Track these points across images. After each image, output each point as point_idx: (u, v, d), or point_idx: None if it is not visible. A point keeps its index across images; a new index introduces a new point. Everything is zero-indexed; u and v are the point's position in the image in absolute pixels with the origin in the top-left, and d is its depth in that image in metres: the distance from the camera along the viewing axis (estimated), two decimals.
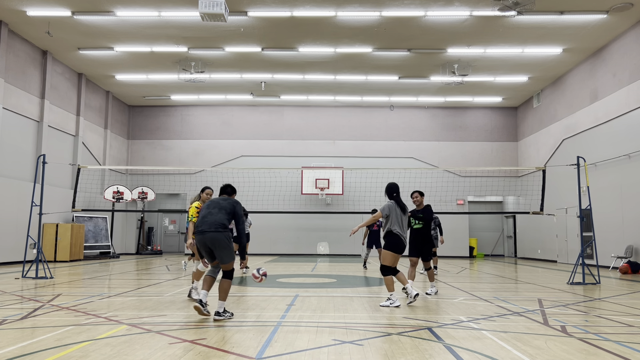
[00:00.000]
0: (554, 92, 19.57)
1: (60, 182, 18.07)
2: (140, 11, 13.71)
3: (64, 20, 14.30)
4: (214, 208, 6.12)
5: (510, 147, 23.40)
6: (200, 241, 5.95)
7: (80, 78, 19.28)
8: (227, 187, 6.64)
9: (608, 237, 15.31)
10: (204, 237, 5.90)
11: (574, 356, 4.25)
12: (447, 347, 4.56)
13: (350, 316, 6.17)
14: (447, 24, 14.37)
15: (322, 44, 15.92)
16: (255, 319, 5.94)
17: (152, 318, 5.90)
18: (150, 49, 16.43)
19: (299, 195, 22.19)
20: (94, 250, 19.17)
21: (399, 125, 23.44)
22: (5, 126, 14.91)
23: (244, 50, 16.51)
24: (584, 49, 16.24)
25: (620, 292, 9.19)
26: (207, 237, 5.87)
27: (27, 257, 13.97)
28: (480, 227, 24.48)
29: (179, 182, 22.83)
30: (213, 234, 5.87)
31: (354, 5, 13.39)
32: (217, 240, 5.87)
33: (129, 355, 4.14)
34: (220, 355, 4.20)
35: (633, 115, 14.42)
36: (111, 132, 21.88)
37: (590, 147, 16.53)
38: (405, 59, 17.20)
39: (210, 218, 5.99)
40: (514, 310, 6.70)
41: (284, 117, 23.60)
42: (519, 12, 12.40)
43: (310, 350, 4.40)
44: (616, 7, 13.16)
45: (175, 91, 21.64)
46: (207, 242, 5.90)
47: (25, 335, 4.90)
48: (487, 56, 16.82)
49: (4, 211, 14.67)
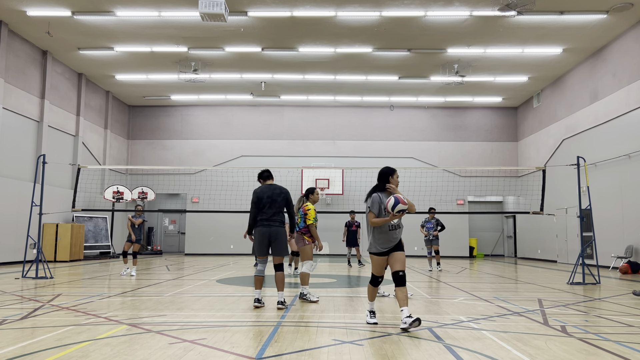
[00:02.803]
0: (554, 92, 19.57)
1: (60, 182, 18.06)
2: (140, 11, 13.71)
3: (64, 20, 14.30)
4: (270, 199, 6.80)
5: (510, 147, 23.40)
6: (264, 234, 6.65)
7: (80, 78, 19.28)
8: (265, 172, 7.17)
9: (608, 237, 15.31)
10: (269, 230, 6.68)
11: (574, 356, 4.25)
12: (447, 347, 4.56)
13: (350, 316, 6.17)
14: (447, 24, 14.37)
15: (322, 44, 15.92)
16: (255, 319, 5.94)
17: (152, 318, 5.90)
18: (150, 49, 16.43)
19: (299, 195, 22.14)
20: (94, 250, 19.16)
21: (399, 125, 23.44)
22: (5, 126, 14.91)
23: (244, 50, 16.51)
24: (584, 49, 16.24)
25: (620, 292, 9.18)
26: (272, 230, 6.68)
27: (27, 257, 13.98)
28: (480, 227, 24.48)
29: (179, 182, 22.83)
30: (276, 228, 6.70)
31: (354, 5, 13.39)
32: (278, 233, 6.72)
33: (129, 355, 4.14)
34: (220, 355, 4.20)
35: (633, 115, 14.42)
36: (111, 132, 21.88)
37: (590, 147, 16.53)
38: (405, 59, 17.20)
39: (269, 211, 6.76)
40: (514, 310, 6.69)
41: (284, 117, 23.60)
42: (519, 12, 12.39)
43: (310, 350, 4.40)
44: (616, 7, 13.16)
45: (175, 91, 21.64)
46: (271, 234, 6.69)
47: (25, 335, 4.90)
48: (487, 56, 16.82)
49: (4, 211, 14.67)
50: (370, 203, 5.52)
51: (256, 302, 6.67)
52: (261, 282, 6.80)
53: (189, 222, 22.95)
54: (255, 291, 6.76)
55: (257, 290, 6.76)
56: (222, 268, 14.48)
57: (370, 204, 5.51)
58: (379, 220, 5.35)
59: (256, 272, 6.80)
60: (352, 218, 15.51)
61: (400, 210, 5.20)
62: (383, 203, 5.44)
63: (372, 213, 5.44)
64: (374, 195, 5.54)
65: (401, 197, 5.27)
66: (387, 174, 5.60)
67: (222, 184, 21.73)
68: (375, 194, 5.55)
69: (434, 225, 13.98)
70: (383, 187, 5.59)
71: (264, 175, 7.11)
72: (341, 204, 22.36)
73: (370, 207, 5.50)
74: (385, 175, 5.60)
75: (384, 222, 5.32)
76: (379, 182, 5.64)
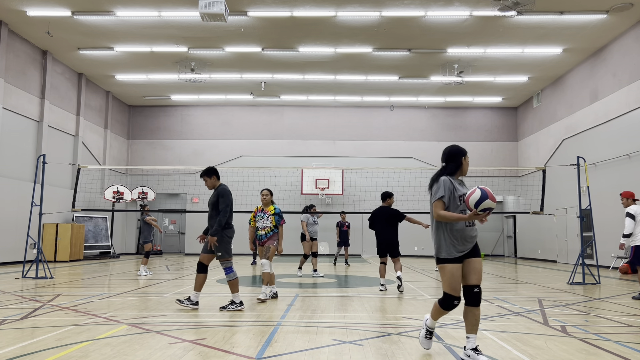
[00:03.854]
0: (554, 92, 19.57)
1: (60, 182, 18.06)
2: (140, 11, 13.71)
3: (64, 20, 14.30)
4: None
5: (510, 147, 23.40)
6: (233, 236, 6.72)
7: (80, 78, 19.28)
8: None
9: (608, 237, 15.30)
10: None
11: (574, 356, 4.25)
12: (447, 347, 4.56)
13: (350, 316, 6.17)
14: (447, 24, 14.37)
15: (322, 44, 15.92)
16: (255, 319, 5.94)
17: (152, 318, 5.90)
18: (150, 49, 16.43)
19: (299, 195, 22.19)
20: (94, 250, 19.16)
21: (399, 125, 23.44)
22: (5, 126, 14.91)
23: (244, 50, 16.51)
24: (584, 49, 16.24)
25: (620, 292, 9.19)
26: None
27: (27, 257, 13.97)
28: (480, 227, 24.26)
29: (179, 182, 22.83)
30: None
31: (354, 5, 13.38)
32: None
33: (129, 355, 4.14)
34: (220, 355, 4.20)
35: (633, 115, 14.42)
36: (111, 132, 21.88)
37: (590, 147, 16.52)
38: (405, 59, 17.20)
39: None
40: (514, 310, 6.69)
41: (284, 117, 23.60)
42: (519, 12, 12.40)
43: (310, 350, 4.40)
44: (616, 7, 13.15)
45: (175, 91, 21.64)
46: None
47: (25, 335, 4.90)
48: (487, 56, 16.82)
49: (4, 211, 14.67)
50: (437, 188, 4.05)
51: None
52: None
53: (189, 222, 22.95)
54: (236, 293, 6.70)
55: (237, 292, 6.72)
56: (221, 268, 14.46)
57: (437, 190, 4.04)
58: (450, 215, 3.92)
59: (236, 275, 6.73)
60: (342, 218, 15.66)
61: (486, 208, 3.82)
62: (457, 191, 4.04)
63: (441, 202, 3.99)
64: (444, 178, 4.07)
65: (490, 190, 3.87)
66: (460, 154, 4.18)
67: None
68: (445, 177, 4.08)
69: None
70: (454, 170, 4.16)
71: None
72: (341, 204, 22.36)
73: (436, 193, 4.04)
74: (457, 155, 4.17)
75: (458, 219, 3.89)
76: (447, 164, 4.19)
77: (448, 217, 3.90)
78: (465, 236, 3.97)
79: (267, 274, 7.55)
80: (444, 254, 3.96)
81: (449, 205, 3.99)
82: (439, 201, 3.98)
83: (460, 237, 3.96)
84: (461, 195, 4.03)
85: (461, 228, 3.97)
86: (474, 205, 3.81)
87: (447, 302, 3.99)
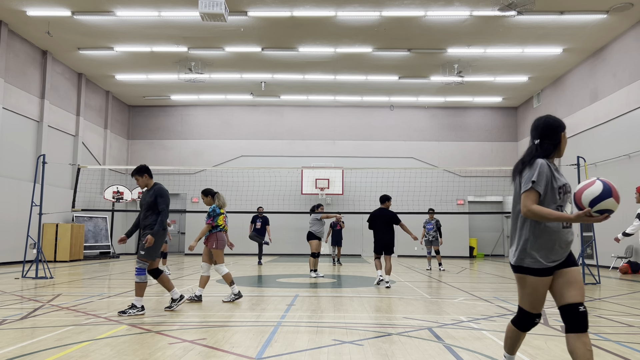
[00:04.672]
0: (554, 92, 19.58)
1: (60, 182, 18.06)
2: (140, 11, 13.71)
3: (64, 20, 14.30)
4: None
5: (510, 147, 23.40)
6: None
7: (80, 78, 19.28)
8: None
9: (608, 237, 15.28)
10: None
11: None
12: (447, 347, 4.56)
13: (350, 316, 6.17)
14: (447, 24, 14.37)
15: (322, 44, 15.92)
16: (255, 319, 5.94)
17: (152, 318, 5.90)
18: (150, 49, 16.43)
19: (299, 195, 22.19)
20: (94, 250, 19.16)
21: (399, 125, 23.44)
22: (5, 126, 14.91)
23: (243, 50, 16.51)
24: (584, 49, 16.24)
25: (620, 292, 9.19)
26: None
27: (27, 257, 13.96)
28: (480, 227, 24.46)
29: (179, 182, 22.82)
30: None
31: (354, 5, 13.38)
32: None
33: (129, 355, 4.14)
34: (220, 355, 4.20)
35: (633, 115, 14.42)
36: (111, 132, 21.88)
37: (590, 147, 16.53)
38: (405, 59, 17.20)
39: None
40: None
41: (284, 117, 23.61)
42: (519, 12, 12.40)
43: (310, 350, 4.40)
44: (616, 7, 13.15)
45: (175, 91, 21.64)
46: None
47: (25, 335, 4.90)
48: (487, 56, 16.82)
49: (4, 211, 14.67)
50: (531, 174, 2.97)
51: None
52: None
53: (189, 222, 22.96)
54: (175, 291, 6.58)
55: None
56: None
57: (529, 176, 2.97)
58: (546, 213, 2.87)
59: (146, 279, 6.36)
60: (337, 219, 15.92)
61: (605, 210, 2.77)
62: (556, 181, 3.01)
63: (535, 193, 2.94)
64: (541, 161, 3.00)
65: (614, 186, 2.80)
66: (559, 127, 3.12)
67: (222, 184, 21.71)
68: (542, 159, 3.02)
69: (434, 226, 14.29)
70: (550, 151, 3.10)
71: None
72: (341, 204, 22.36)
73: (528, 181, 2.97)
74: (555, 129, 3.11)
75: (557, 218, 2.85)
76: (542, 142, 3.11)
77: (544, 215, 2.86)
78: (561, 241, 3.00)
79: (206, 278, 7.50)
80: (529, 261, 3.01)
81: (544, 198, 2.97)
82: (531, 192, 2.93)
83: (551, 242, 2.98)
84: (561, 186, 3.01)
85: (556, 229, 2.98)
86: (588, 203, 2.78)
87: (525, 320, 3.16)
